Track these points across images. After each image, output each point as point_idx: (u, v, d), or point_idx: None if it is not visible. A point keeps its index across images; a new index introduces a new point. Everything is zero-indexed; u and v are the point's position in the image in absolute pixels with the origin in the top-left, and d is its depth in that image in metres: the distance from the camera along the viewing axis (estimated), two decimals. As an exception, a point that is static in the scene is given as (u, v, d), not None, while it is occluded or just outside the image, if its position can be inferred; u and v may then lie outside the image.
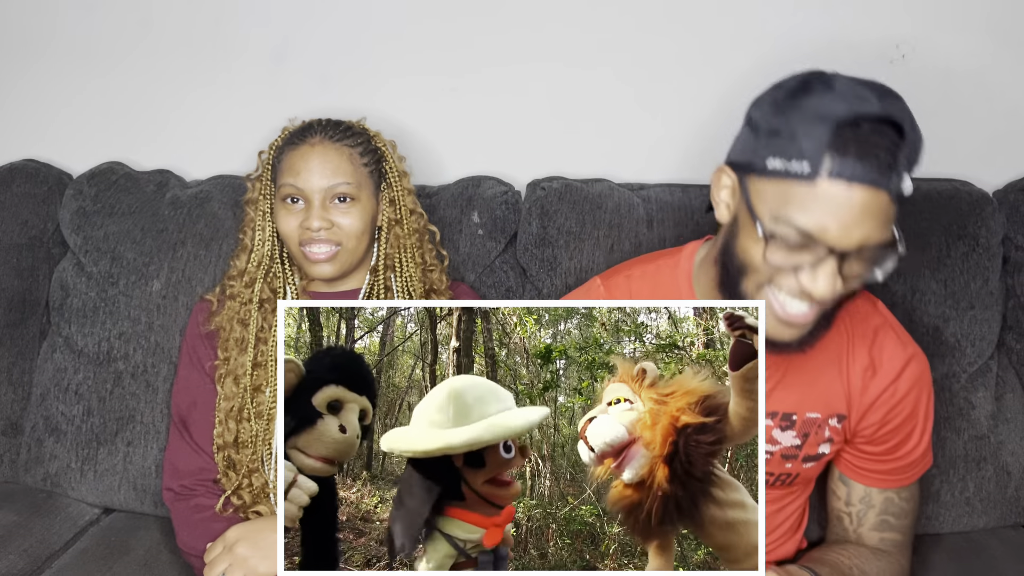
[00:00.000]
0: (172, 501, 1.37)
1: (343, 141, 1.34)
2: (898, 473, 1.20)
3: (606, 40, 1.71)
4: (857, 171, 0.90)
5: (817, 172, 0.91)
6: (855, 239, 0.93)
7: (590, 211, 1.56)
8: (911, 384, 1.16)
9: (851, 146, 0.91)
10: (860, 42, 1.68)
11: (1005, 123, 1.69)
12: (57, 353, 1.60)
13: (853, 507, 1.22)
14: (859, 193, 0.91)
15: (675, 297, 1.18)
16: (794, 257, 0.95)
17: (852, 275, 0.97)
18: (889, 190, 0.92)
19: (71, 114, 1.81)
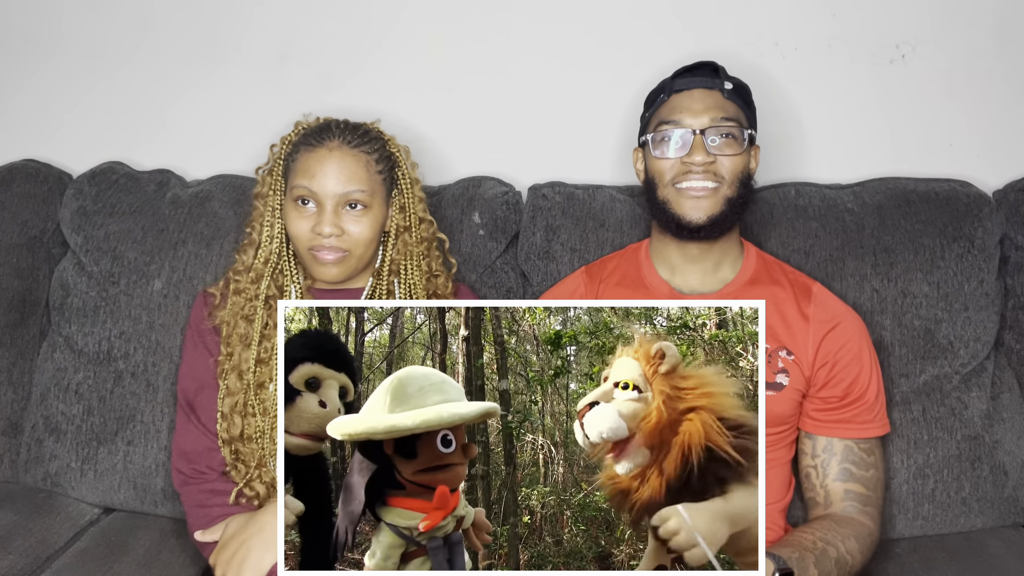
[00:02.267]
0: (182, 484, 1.36)
1: (360, 147, 1.33)
2: (854, 422, 1.34)
3: (606, 42, 1.71)
4: (689, 82, 1.34)
5: (667, 93, 1.35)
6: (706, 119, 1.30)
7: (593, 229, 1.59)
8: (854, 329, 1.35)
9: (679, 76, 1.37)
10: (860, 42, 1.68)
11: (1005, 123, 1.70)
12: (57, 353, 1.60)
13: (818, 458, 1.35)
14: (699, 92, 1.33)
15: (639, 266, 1.42)
16: (673, 150, 1.32)
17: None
18: (719, 88, 1.33)
19: (71, 114, 1.81)
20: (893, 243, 1.52)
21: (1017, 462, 1.50)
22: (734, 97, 1.34)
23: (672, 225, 1.33)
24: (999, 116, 1.69)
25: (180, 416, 1.40)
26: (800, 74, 1.69)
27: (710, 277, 1.38)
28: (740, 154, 1.31)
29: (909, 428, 1.48)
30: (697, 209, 1.30)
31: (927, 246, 1.52)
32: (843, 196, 1.60)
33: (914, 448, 1.48)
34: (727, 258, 1.38)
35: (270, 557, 1.21)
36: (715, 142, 1.30)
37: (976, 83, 1.69)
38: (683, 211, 1.31)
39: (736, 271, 1.38)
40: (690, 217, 1.31)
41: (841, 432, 1.34)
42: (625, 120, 1.67)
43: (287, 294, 1.37)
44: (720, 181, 1.31)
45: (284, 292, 1.38)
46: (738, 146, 1.31)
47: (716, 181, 1.30)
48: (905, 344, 1.50)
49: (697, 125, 1.30)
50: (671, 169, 1.32)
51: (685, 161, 1.30)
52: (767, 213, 1.57)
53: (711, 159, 1.29)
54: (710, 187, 1.30)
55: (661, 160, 1.33)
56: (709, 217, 1.30)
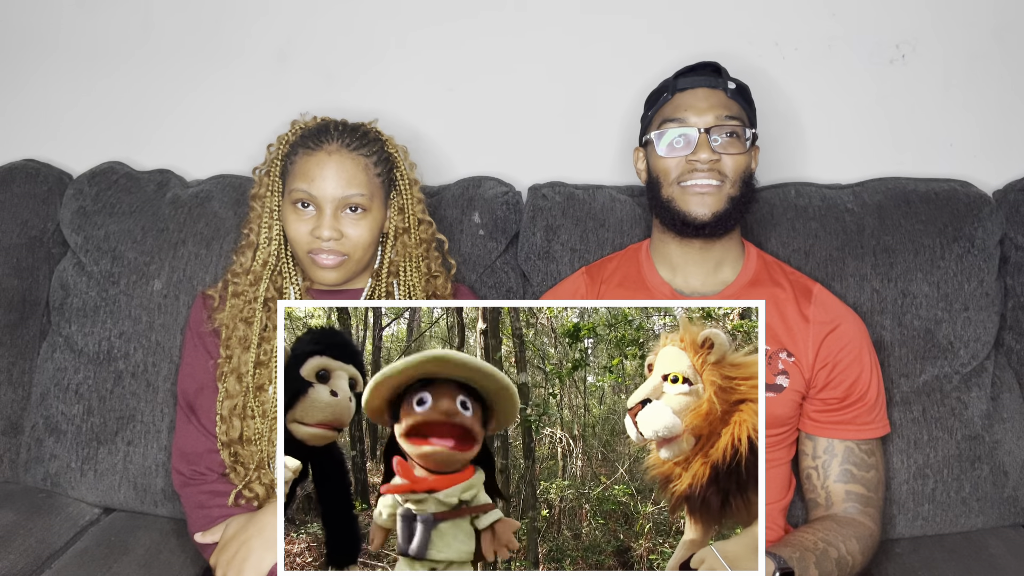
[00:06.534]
0: (182, 486, 1.37)
1: (359, 150, 1.33)
2: (855, 423, 1.34)
3: (606, 42, 1.71)
4: (693, 81, 1.35)
5: (671, 92, 1.37)
6: (710, 118, 1.31)
7: (594, 229, 1.59)
8: (854, 330, 1.35)
9: (682, 76, 1.38)
10: (860, 42, 1.68)
11: (1005, 123, 1.70)
12: (57, 353, 1.60)
13: (819, 459, 1.35)
14: (702, 91, 1.34)
15: (640, 267, 1.43)
16: (678, 149, 1.33)
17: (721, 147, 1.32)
18: (722, 88, 1.34)
19: (72, 114, 1.81)
20: (893, 243, 1.53)
21: (1017, 462, 1.50)
22: (737, 97, 1.35)
23: (677, 223, 1.33)
24: (999, 116, 1.69)
25: (180, 417, 1.40)
26: (800, 74, 1.69)
27: (711, 278, 1.38)
28: (743, 153, 1.32)
29: (909, 428, 1.48)
30: (702, 205, 1.31)
31: (927, 246, 1.52)
32: (843, 196, 1.60)
33: (914, 448, 1.48)
34: (728, 258, 1.38)
35: (270, 557, 1.21)
36: (719, 141, 1.31)
37: (976, 83, 1.69)
38: (688, 208, 1.32)
39: (737, 272, 1.39)
40: (695, 214, 1.31)
41: (842, 433, 1.34)
42: (625, 120, 1.67)
43: (286, 295, 1.37)
44: (723, 179, 1.31)
45: (283, 294, 1.37)
46: (741, 145, 1.32)
47: (720, 179, 1.31)
48: (905, 344, 1.50)
49: (702, 124, 1.31)
50: (676, 167, 1.33)
51: (690, 159, 1.31)
52: (767, 213, 1.57)
53: (716, 157, 1.30)
54: (714, 184, 1.31)
55: (666, 159, 1.33)
56: (714, 214, 1.31)
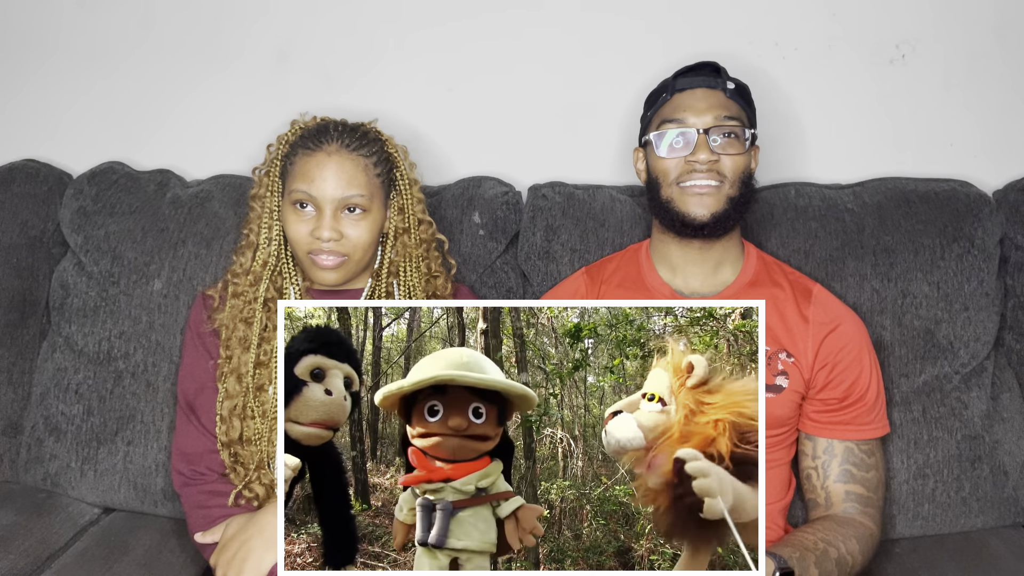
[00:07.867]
0: (182, 486, 1.37)
1: (359, 151, 1.33)
2: (855, 423, 1.34)
3: (605, 42, 1.71)
4: (692, 81, 1.35)
5: (670, 93, 1.37)
6: (709, 118, 1.32)
7: (594, 229, 1.59)
8: (854, 331, 1.36)
9: (681, 76, 1.38)
10: (860, 42, 1.68)
11: (1005, 123, 1.70)
12: (57, 353, 1.60)
13: (818, 459, 1.35)
14: (701, 92, 1.34)
15: (640, 267, 1.43)
16: (677, 149, 1.33)
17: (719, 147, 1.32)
18: (721, 88, 1.34)
19: (71, 114, 1.81)
20: (893, 243, 1.52)
21: (1017, 462, 1.50)
22: (736, 97, 1.35)
23: (676, 223, 1.33)
24: (999, 116, 1.69)
25: (180, 417, 1.40)
26: (800, 74, 1.69)
27: (711, 279, 1.38)
28: (742, 154, 1.32)
29: (909, 428, 1.48)
30: (701, 206, 1.31)
31: (927, 246, 1.52)
32: (843, 196, 1.60)
33: (914, 448, 1.48)
34: (728, 259, 1.38)
35: (271, 557, 1.21)
36: (718, 141, 1.31)
37: (976, 83, 1.69)
38: (687, 208, 1.32)
39: (737, 272, 1.39)
40: (694, 214, 1.31)
41: (841, 434, 1.34)
42: (625, 120, 1.67)
43: (286, 296, 1.37)
44: (722, 180, 1.31)
45: (283, 294, 1.37)
46: (740, 145, 1.32)
47: (719, 180, 1.31)
48: (905, 344, 1.50)
49: (701, 124, 1.31)
50: (675, 168, 1.33)
51: (689, 160, 1.31)
52: (767, 213, 1.57)
53: (715, 158, 1.30)
54: (713, 185, 1.31)
55: (665, 159, 1.33)
56: (713, 214, 1.31)
